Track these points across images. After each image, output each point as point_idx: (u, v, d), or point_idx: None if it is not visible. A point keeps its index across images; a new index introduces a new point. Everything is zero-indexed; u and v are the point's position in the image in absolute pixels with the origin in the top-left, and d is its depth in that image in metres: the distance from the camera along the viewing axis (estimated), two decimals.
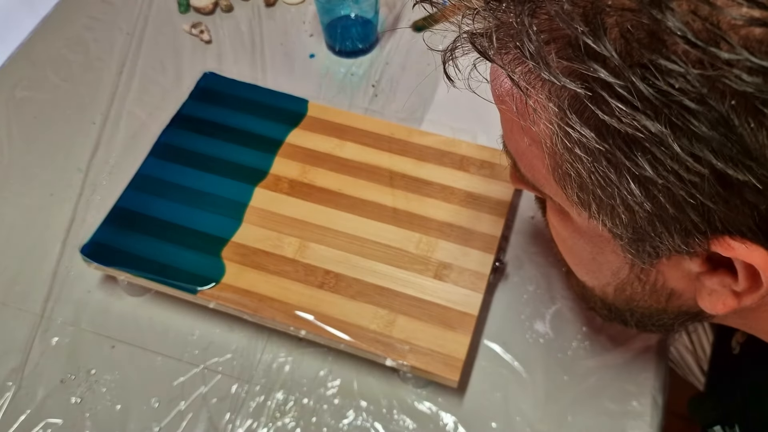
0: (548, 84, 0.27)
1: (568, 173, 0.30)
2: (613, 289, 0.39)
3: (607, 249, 0.34)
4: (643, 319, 0.42)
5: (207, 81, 0.67)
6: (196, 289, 0.53)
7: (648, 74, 0.24)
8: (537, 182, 0.34)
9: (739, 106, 0.23)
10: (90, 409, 0.53)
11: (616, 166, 0.27)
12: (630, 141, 0.26)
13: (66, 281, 0.59)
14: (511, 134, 0.34)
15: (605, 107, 0.25)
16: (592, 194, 0.30)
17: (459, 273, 0.54)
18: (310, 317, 0.52)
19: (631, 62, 0.24)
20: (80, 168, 0.66)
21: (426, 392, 0.54)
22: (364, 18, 0.73)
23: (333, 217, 0.57)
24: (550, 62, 0.26)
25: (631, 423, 0.52)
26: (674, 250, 0.30)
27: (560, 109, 0.27)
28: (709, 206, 0.26)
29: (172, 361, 0.55)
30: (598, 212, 0.31)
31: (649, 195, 0.27)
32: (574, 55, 0.25)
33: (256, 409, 0.53)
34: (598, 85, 0.25)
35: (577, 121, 0.27)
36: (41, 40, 0.77)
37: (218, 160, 0.61)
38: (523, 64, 0.28)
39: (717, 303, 0.32)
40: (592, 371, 0.54)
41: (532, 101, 0.29)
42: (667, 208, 0.27)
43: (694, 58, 0.23)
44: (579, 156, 0.28)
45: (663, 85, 0.24)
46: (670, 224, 0.28)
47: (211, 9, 0.78)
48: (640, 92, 0.24)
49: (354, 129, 0.63)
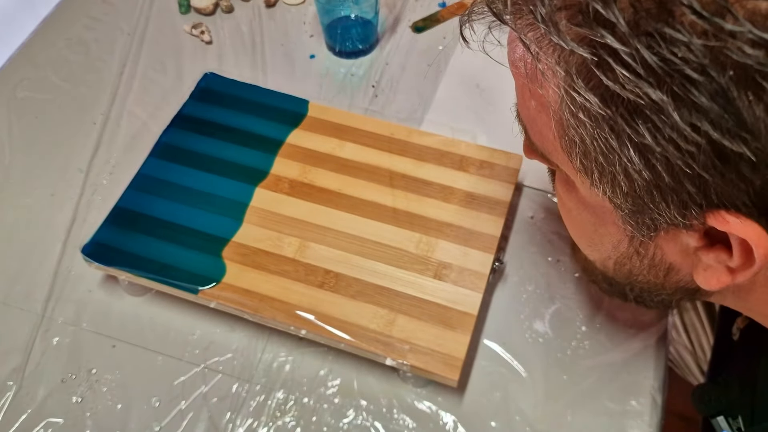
0: (558, 49, 0.28)
1: (573, 140, 0.31)
2: (614, 263, 0.40)
3: (609, 220, 0.35)
4: (642, 293, 0.42)
5: (207, 81, 0.67)
6: (197, 289, 0.53)
7: (653, 42, 0.24)
8: (545, 150, 0.35)
9: (738, 78, 0.24)
10: (91, 409, 0.53)
11: (617, 132, 0.28)
12: (632, 108, 0.26)
13: (67, 281, 0.59)
14: (523, 101, 0.34)
15: (610, 73, 0.26)
16: (594, 161, 0.30)
17: (459, 273, 0.54)
18: (311, 317, 0.52)
19: (638, 30, 0.25)
20: (81, 168, 0.66)
21: (426, 391, 0.54)
22: (364, 19, 0.73)
23: (333, 217, 0.57)
24: (561, 27, 0.27)
25: (630, 422, 0.52)
26: (671, 223, 0.30)
27: (567, 74, 0.28)
28: (706, 178, 0.27)
29: (173, 360, 0.56)
30: (600, 180, 0.31)
31: (647, 163, 0.28)
32: (584, 21, 0.26)
33: (257, 409, 0.53)
34: (605, 51, 0.26)
35: (582, 86, 0.27)
36: (42, 40, 0.77)
37: (219, 160, 0.61)
38: (535, 29, 0.29)
39: (711, 278, 0.32)
40: (591, 371, 0.55)
41: (541, 65, 0.29)
42: (664, 178, 0.28)
43: (699, 29, 0.24)
44: (583, 121, 0.29)
45: (667, 54, 0.24)
46: (667, 195, 0.29)
47: (211, 10, 0.78)
48: (644, 60, 0.25)
49: (354, 129, 0.63)
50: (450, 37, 0.75)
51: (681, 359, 0.75)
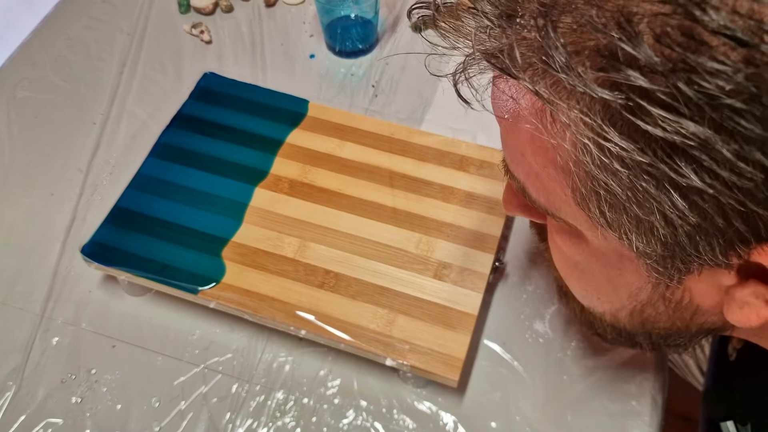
0: (577, 96, 0.26)
1: (596, 191, 0.28)
2: (629, 312, 0.37)
3: (629, 269, 0.33)
4: (659, 340, 0.39)
5: (207, 81, 0.67)
6: (197, 289, 0.53)
7: (691, 77, 0.23)
8: (551, 206, 0.33)
9: None
10: (90, 409, 0.53)
11: (657, 178, 0.26)
12: (673, 150, 0.24)
13: (66, 281, 0.59)
14: (522, 157, 0.32)
15: (646, 116, 0.24)
16: (626, 212, 0.28)
17: (459, 273, 0.54)
18: (311, 317, 0.52)
19: (670, 66, 0.23)
20: (81, 168, 0.66)
21: (426, 392, 0.54)
22: (364, 18, 0.73)
23: (333, 217, 0.57)
24: (582, 73, 0.25)
25: (630, 423, 0.52)
26: (710, 264, 0.28)
27: (593, 121, 0.26)
28: (759, 213, 0.25)
29: (173, 360, 0.55)
30: (630, 231, 0.29)
31: (694, 206, 0.25)
32: (608, 64, 0.24)
33: (257, 409, 0.53)
34: (636, 93, 0.24)
35: (614, 133, 0.25)
36: (42, 40, 0.77)
37: (218, 160, 0.61)
38: (545, 79, 0.27)
39: (751, 315, 0.29)
40: (591, 371, 0.54)
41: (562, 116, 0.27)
42: (714, 219, 0.26)
43: (739, 57, 0.22)
44: (614, 171, 0.26)
45: (708, 87, 0.23)
46: (713, 236, 0.26)
47: (211, 9, 0.78)
48: (685, 96, 0.23)
49: (354, 129, 0.63)
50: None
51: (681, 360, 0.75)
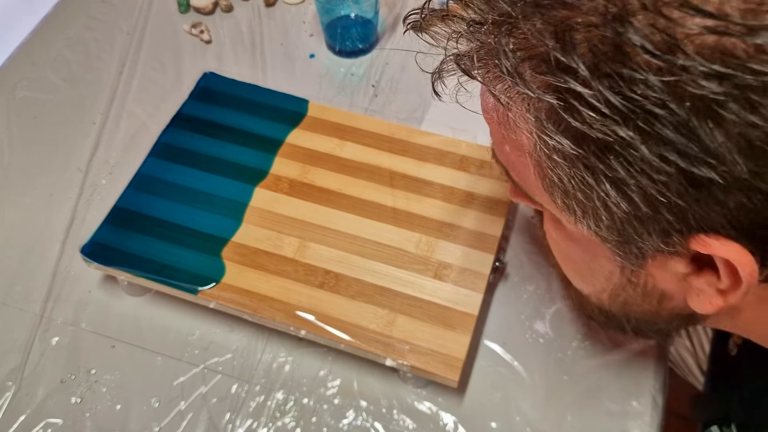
0: (526, 97, 0.30)
1: (553, 180, 0.32)
2: (608, 295, 0.40)
3: (599, 254, 0.36)
4: (639, 324, 0.42)
5: (207, 81, 0.67)
6: (197, 289, 0.53)
7: (614, 83, 0.26)
8: (529, 191, 0.36)
9: (697, 109, 0.25)
10: (90, 409, 0.53)
11: (592, 170, 0.29)
12: (603, 146, 0.28)
13: (66, 281, 0.59)
14: (500, 146, 0.36)
15: (578, 116, 0.27)
16: (575, 199, 0.31)
17: (459, 273, 0.54)
18: (310, 317, 0.52)
19: (599, 73, 0.26)
20: (80, 168, 0.66)
21: (426, 392, 0.54)
22: (364, 18, 0.73)
23: (333, 217, 0.57)
24: (527, 77, 0.28)
25: (630, 423, 0.52)
26: (657, 250, 0.31)
27: (538, 120, 0.30)
28: (681, 205, 0.28)
29: (173, 361, 0.55)
30: (583, 216, 0.32)
31: (624, 196, 0.29)
32: (548, 69, 0.28)
33: (256, 409, 0.53)
34: (570, 95, 0.27)
35: (553, 129, 0.29)
36: (41, 40, 0.77)
37: (218, 160, 0.61)
38: (503, 81, 0.30)
39: (705, 302, 0.33)
40: (591, 371, 0.54)
41: (512, 114, 0.31)
42: (642, 208, 0.29)
43: (655, 67, 0.25)
44: (558, 162, 0.30)
45: (628, 93, 0.26)
46: (648, 224, 0.30)
47: (211, 9, 0.78)
48: (608, 100, 0.26)
49: (354, 129, 0.63)
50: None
51: (681, 360, 0.75)
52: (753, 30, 0.24)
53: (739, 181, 0.26)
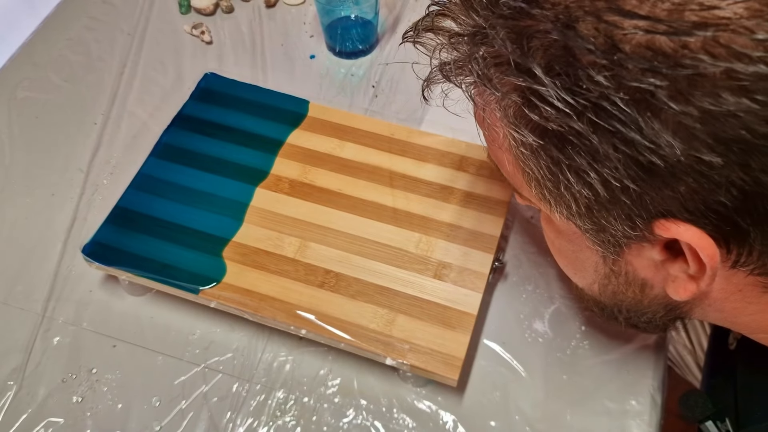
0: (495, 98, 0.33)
1: (526, 171, 0.35)
2: (598, 286, 0.42)
3: (583, 245, 0.38)
4: (630, 314, 0.44)
5: (208, 81, 0.67)
6: (198, 289, 0.53)
7: (566, 81, 0.29)
8: (516, 186, 0.38)
9: (636, 100, 0.28)
10: (91, 408, 0.53)
11: (554, 159, 0.32)
12: (561, 138, 0.31)
13: (67, 281, 0.60)
14: (489, 145, 0.39)
15: (538, 112, 0.30)
16: (546, 188, 0.34)
17: (458, 273, 0.54)
18: (311, 317, 0.52)
19: (552, 73, 0.29)
20: (81, 168, 0.67)
21: (425, 391, 0.54)
22: (364, 19, 0.73)
23: (333, 217, 0.58)
24: (494, 80, 0.32)
25: (629, 422, 0.52)
26: (627, 237, 0.33)
27: (506, 117, 0.33)
28: (636, 189, 0.30)
29: (173, 360, 0.56)
30: (556, 204, 0.35)
31: (585, 183, 0.31)
32: (510, 72, 0.31)
33: (257, 408, 0.53)
34: (530, 94, 0.30)
35: (519, 125, 0.32)
36: (42, 40, 0.77)
37: (219, 160, 0.61)
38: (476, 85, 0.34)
39: (679, 288, 0.35)
40: (590, 370, 0.55)
41: (487, 115, 0.35)
42: (600, 193, 0.31)
43: (599, 65, 0.28)
44: (527, 155, 0.33)
45: (578, 89, 0.29)
46: (611, 210, 0.32)
47: (211, 10, 0.79)
48: (561, 97, 0.29)
49: (354, 129, 0.63)
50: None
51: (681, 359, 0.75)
52: (677, 28, 0.27)
53: (682, 166, 0.28)
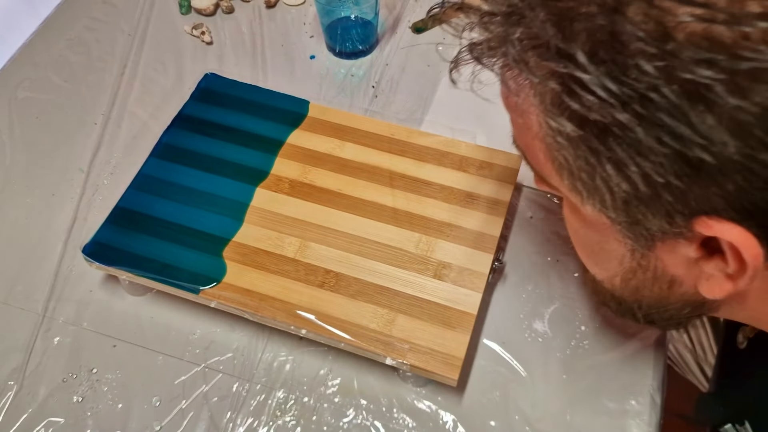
0: (531, 83, 0.32)
1: (560, 161, 0.33)
2: (620, 280, 0.41)
3: (611, 237, 0.36)
4: (650, 311, 0.43)
5: (208, 82, 0.67)
6: (198, 289, 0.53)
7: (611, 70, 0.27)
8: (544, 174, 0.37)
9: (688, 93, 0.26)
10: (91, 408, 0.53)
11: (593, 151, 0.30)
12: (602, 128, 0.29)
13: (68, 281, 0.60)
14: (517, 132, 0.37)
15: (578, 100, 0.29)
16: (579, 179, 0.33)
17: (458, 272, 0.54)
18: (311, 316, 0.52)
19: (597, 60, 0.28)
20: (82, 168, 0.67)
21: (425, 391, 0.54)
22: (364, 19, 0.73)
23: (333, 217, 0.58)
24: (531, 64, 0.30)
25: (629, 422, 0.52)
26: (663, 232, 0.32)
27: (543, 104, 0.31)
28: (680, 186, 0.29)
29: (174, 360, 0.56)
30: (588, 196, 0.33)
31: (625, 176, 0.30)
32: (550, 57, 0.29)
33: (257, 408, 0.53)
34: (571, 81, 0.29)
35: (557, 113, 0.31)
36: (43, 41, 0.77)
37: (219, 160, 0.61)
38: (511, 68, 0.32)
39: (714, 287, 0.33)
40: (590, 370, 0.55)
41: (520, 99, 0.33)
42: (641, 188, 0.30)
43: (649, 54, 0.26)
44: (563, 144, 0.32)
45: (624, 78, 0.27)
46: (650, 205, 0.31)
47: (212, 10, 0.79)
48: (605, 86, 0.27)
49: (354, 130, 0.63)
50: (450, 37, 0.75)
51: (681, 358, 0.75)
52: (738, 18, 0.25)
53: (733, 163, 0.27)
